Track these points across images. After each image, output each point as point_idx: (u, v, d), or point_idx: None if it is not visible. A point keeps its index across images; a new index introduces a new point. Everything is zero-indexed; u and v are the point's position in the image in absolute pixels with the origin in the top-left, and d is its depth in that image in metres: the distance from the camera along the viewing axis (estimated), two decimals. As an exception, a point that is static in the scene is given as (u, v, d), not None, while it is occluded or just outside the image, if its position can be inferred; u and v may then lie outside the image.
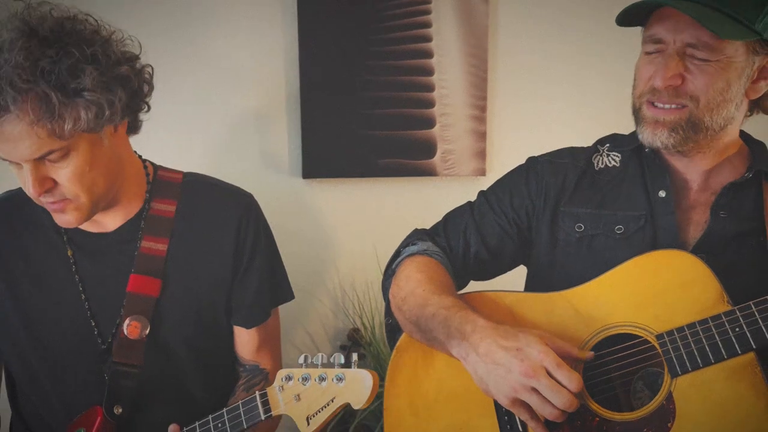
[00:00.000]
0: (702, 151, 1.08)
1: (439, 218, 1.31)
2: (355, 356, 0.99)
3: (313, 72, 1.98)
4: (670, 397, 0.95)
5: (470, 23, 2.01)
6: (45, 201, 1.08)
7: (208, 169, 2.06)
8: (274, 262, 1.31)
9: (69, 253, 1.17)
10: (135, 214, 1.20)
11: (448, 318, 1.03)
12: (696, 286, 0.96)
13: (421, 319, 1.08)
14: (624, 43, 2.04)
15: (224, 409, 1.08)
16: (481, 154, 2.07)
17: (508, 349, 0.95)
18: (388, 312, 1.19)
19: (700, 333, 0.93)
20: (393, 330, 1.18)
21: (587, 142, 1.27)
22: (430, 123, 2.04)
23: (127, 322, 1.13)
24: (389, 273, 1.23)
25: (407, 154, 2.04)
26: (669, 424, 0.93)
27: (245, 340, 1.28)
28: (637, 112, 1.09)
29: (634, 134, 1.15)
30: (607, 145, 1.20)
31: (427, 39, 2.00)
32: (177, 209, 1.20)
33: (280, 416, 1.05)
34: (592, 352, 0.98)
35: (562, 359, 0.94)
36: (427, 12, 1.99)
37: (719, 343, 0.92)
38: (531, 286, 1.22)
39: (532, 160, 1.23)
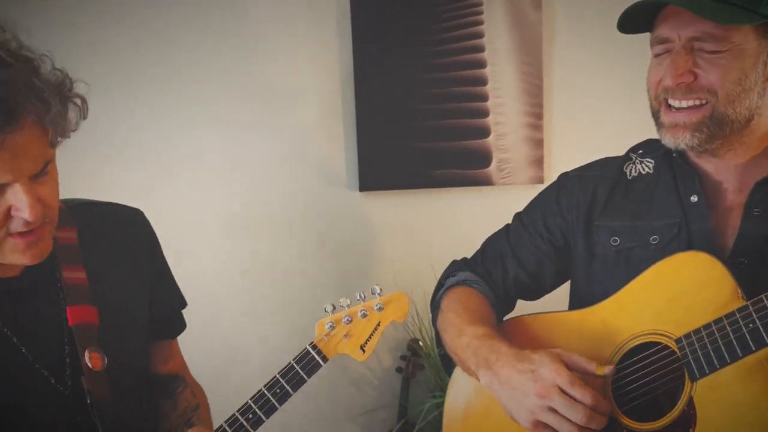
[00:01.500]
0: (732, 148, 1.03)
1: (497, 228, 1.30)
2: (377, 287, 1.12)
3: (367, 87, 2.01)
4: (690, 403, 0.92)
5: (523, 32, 2.00)
6: (22, 230, 0.93)
7: (268, 185, 2.13)
8: (170, 272, 1.25)
9: None
10: None
11: (478, 348, 1.05)
12: (712, 286, 0.93)
13: (458, 349, 1.10)
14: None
15: (277, 374, 1.10)
16: (539, 162, 2.05)
17: (523, 372, 0.96)
18: (439, 342, 1.21)
19: (716, 333, 0.90)
20: (445, 359, 1.20)
21: (646, 144, 1.24)
22: (484, 132, 2.03)
23: (87, 354, 1.03)
24: (434, 305, 1.25)
25: (462, 164, 2.04)
26: (690, 430, 0.91)
27: (166, 353, 1.22)
28: (656, 117, 1.05)
29: None
30: (640, 151, 1.16)
31: (480, 49, 2.01)
32: (78, 235, 1.08)
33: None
34: (612, 366, 0.96)
35: (582, 375, 0.94)
36: (479, 23, 2.00)
37: (733, 341, 0.88)
38: (573, 303, 1.20)
39: (562, 177, 1.21)
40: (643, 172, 1.12)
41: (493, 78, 2.02)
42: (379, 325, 1.11)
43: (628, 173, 1.14)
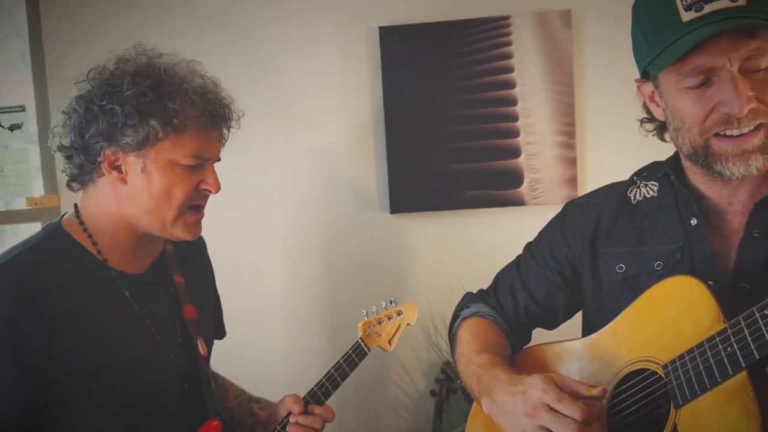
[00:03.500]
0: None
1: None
2: (393, 299, 1.55)
3: (397, 110, 2.03)
4: (675, 430, 0.90)
5: (553, 50, 1.99)
6: (194, 208, 1.18)
7: (300, 206, 2.15)
8: None
9: (127, 294, 1.17)
10: (158, 254, 1.24)
11: (480, 376, 1.08)
12: (697, 310, 0.92)
13: (466, 379, 1.13)
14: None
15: (340, 359, 1.41)
16: (572, 181, 2.02)
17: (515, 395, 0.98)
18: (458, 374, 1.21)
19: (697, 358, 0.88)
20: (465, 389, 1.20)
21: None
22: (515, 153, 2.02)
23: (199, 343, 1.25)
24: (451, 338, 1.26)
25: (493, 184, 2.03)
26: None
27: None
28: (703, 151, 0.97)
29: (666, 160, 1.10)
30: (644, 174, 1.14)
31: (509, 70, 2.00)
32: (174, 246, 1.28)
33: None
34: (601, 387, 0.95)
35: (572, 397, 0.94)
36: (508, 43, 2.00)
37: (713, 365, 0.86)
38: (585, 331, 1.18)
39: (567, 205, 1.20)
40: (648, 196, 1.10)
41: (522, 98, 2.01)
42: (400, 326, 1.53)
43: (632, 198, 1.11)
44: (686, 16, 0.92)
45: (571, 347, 1.10)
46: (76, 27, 2.10)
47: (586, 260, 1.12)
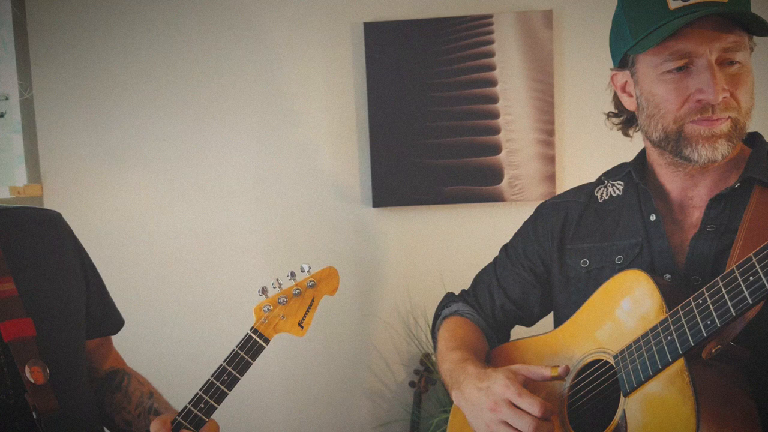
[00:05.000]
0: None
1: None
2: (306, 265, 1.16)
3: (381, 105, 2.05)
4: (623, 417, 0.94)
5: (534, 50, 2.03)
6: None
7: (284, 201, 2.17)
8: (95, 267, 1.24)
9: None
10: None
11: (452, 371, 1.11)
12: (644, 301, 0.96)
13: (443, 375, 1.16)
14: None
15: (223, 362, 1.11)
16: (551, 178, 2.06)
17: (480, 389, 1.01)
18: (438, 369, 1.27)
19: (642, 347, 0.92)
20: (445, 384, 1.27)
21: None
22: (496, 149, 2.06)
23: (27, 369, 1.01)
24: (434, 337, 1.30)
25: (474, 180, 2.06)
26: None
27: (104, 350, 1.22)
28: (675, 136, 1.00)
29: (633, 160, 1.14)
30: (612, 174, 1.18)
31: (491, 68, 2.04)
32: (1, 245, 1.06)
33: None
34: (564, 366, 0.98)
35: (541, 381, 0.99)
36: (490, 42, 2.03)
37: (655, 353, 0.90)
38: (556, 325, 1.21)
39: (540, 206, 1.24)
40: (614, 195, 1.14)
41: (503, 96, 2.04)
42: (313, 300, 1.17)
43: (599, 197, 1.16)
44: (673, 5, 0.95)
45: (536, 342, 1.14)
46: (61, 16, 2.09)
47: (555, 256, 1.16)
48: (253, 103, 2.11)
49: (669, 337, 0.89)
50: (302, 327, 1.16)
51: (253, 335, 1.14)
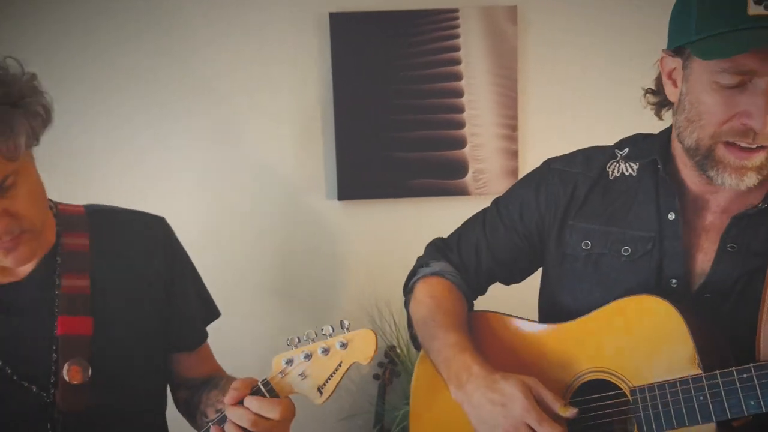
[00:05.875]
0: None
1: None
2: (346, 322, 0.99)
3: (346, 97, 2.04)
4: None
5: (498, 45, 2.05)
6: None
7: (248, 193, 2.14)
8: (198, 282, 1.26)
9: None
10: (47, 252, 1.07)
11: (449, 359, 1.05)
12: (672, 343, 0.92)
13: (430, 351, 1.11)
14: (657, 56, 2.07)
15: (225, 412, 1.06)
16: (514, 173, 2.09)
17: (494, 404, 0.96)
18: (410, 324, 1.20)
19: (668, 396, 0.90)
20: (415, 339, 1.20)
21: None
22: (460, 144, 2.07)
23: (66, 367, 1.02)
24: (407, 290, 1.24)
25: (439, 174, 2.07)
26: None
27: (190, 363, 1.23)
28: (705, 152, 0.93)
29: (654, 141, 1.06)
30: (627, 149, 1.10)
31: (456, 62, 2.05)
32: (91, 241, 1.09)
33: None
34: (575, 410, 0.95)
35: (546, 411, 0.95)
36: (456, 36, 2.04)
37: (683, 409, 0.88)
38: (541, 297, 1.18)
39: (545, 167, 1.16)
40: (626, 174, 1.06)
41: (468, 90, 2.06)
42: (340, 365, 0.97)
43: (610, 173, 1.08)
44: (753, 10, 0.85)
45: (531, 330, 1.09)
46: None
47: (555, 229, 1.10)
48: (216, 94, 2.07)
49: (702, 399, 0.86)
50: (321, 393, 0.99)
51: (262, 388, 1.00)
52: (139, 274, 1.12)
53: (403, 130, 2.06)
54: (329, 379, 0.98)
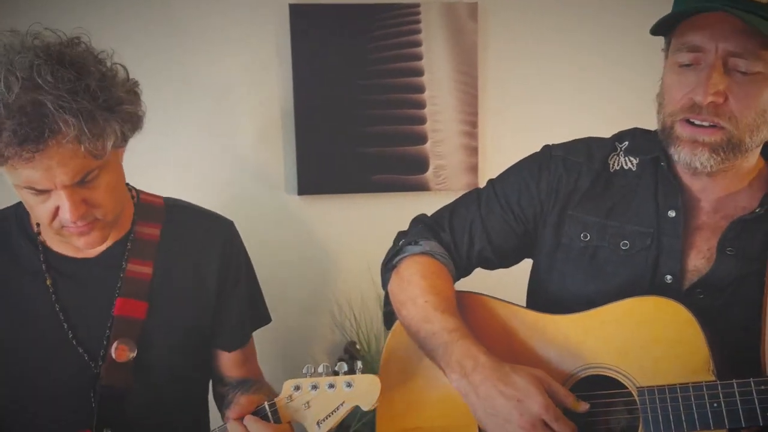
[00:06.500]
0: (726, 170, 0.99)
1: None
2: (359, 363, 1.06)
3: (306, 91, 2.02)
4: None
5: (459, 41, 2.06)
6: (73, 225, 1.05)
7: (207, 187, 2.10)
8: (254, 288, 1.34)
9: (48, 282, 1.14)
10: (121, 237, 1.18)
11: (449, 344, 1.02)
12: (684, 346, 0.93)
13: (421, 333, 1.07)
14: (614, 56, 2.11)
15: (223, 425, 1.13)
16: (473, 169, 2.11)
17: (508, 398, 0.94)
18: (387, 302, 1.17)
19: (679, 399, 0.90)
20: (391, 317, 1.17)
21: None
22: (422, 139, 2.08)
23: (114, 345, 1.12)
24: (389, 267, 1.19)
25: (400, 169, 2.07)
26: None
27: (228, 362, 1.29)
28: (668, 131, 0.97)
29: (655, 137, 1.06)
30: (626, 143, 1.10)
31: (418, 57, 2.05)
32: (162, 233, 1.20)
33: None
34: (587, 405, 0.96)
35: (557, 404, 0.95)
36: (418, 31, 2.04)
37: (695, 413, 0.89)
38: (531, 284, 1.17)
39: (546, 153, 1.15)
40: (626, 167, 1.07)
41: (430, 86, 2.06)
42: (342, 405, 1.03)
43: (611, 165, 1.08)
44: None
45: (529, 318, 1.07)
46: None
47: (553, 218, 1.09)
48: (173, 87, 2.02)
49: (716, 405, 0.87)
50: (319, 427, 1.03)
51: (267, 410, 1.07)
52: (196, 271, 1.21)
53: (364, 125, 2.05)
54: (330, 415, 1.03)
